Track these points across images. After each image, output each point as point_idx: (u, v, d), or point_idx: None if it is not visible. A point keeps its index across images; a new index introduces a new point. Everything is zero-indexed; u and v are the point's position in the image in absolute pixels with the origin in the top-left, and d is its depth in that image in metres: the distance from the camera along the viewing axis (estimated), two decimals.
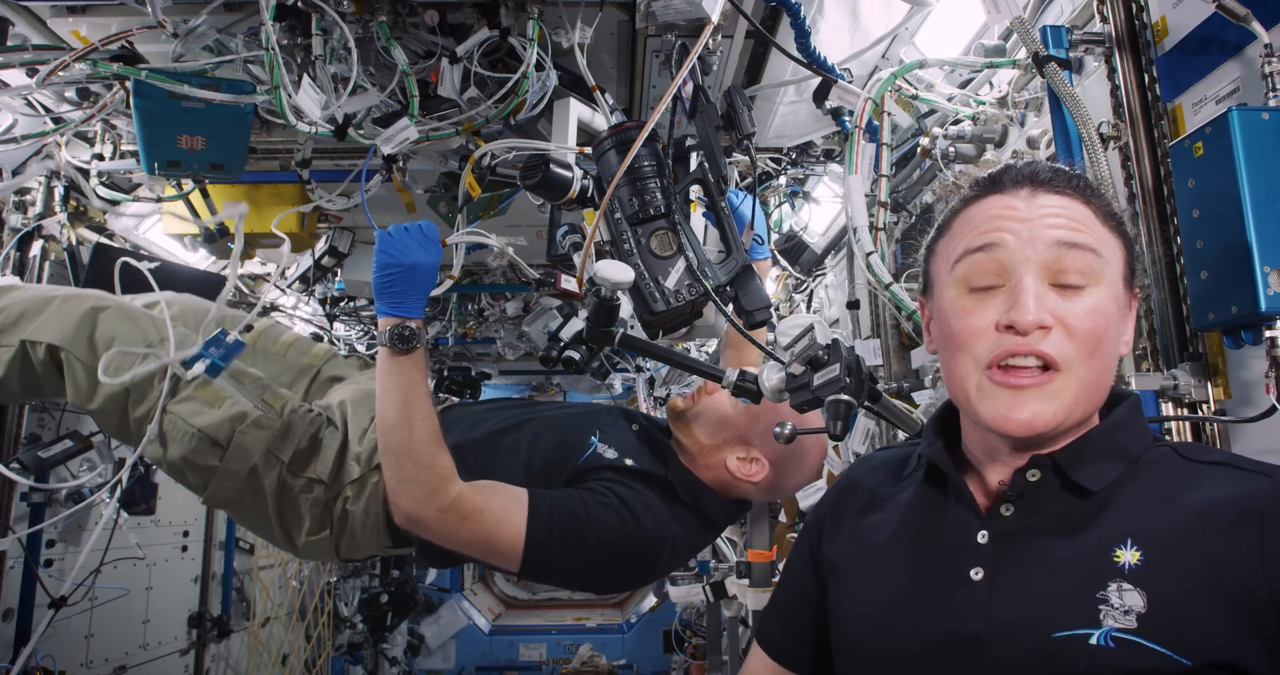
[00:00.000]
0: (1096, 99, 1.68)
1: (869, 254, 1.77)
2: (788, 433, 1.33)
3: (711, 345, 5.05)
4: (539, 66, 1.98)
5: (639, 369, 5.67)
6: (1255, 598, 0.75)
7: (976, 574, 0.88)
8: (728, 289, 1.62)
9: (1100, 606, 0.79)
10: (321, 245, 3.33)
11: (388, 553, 1.87)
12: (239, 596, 5.05)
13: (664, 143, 1.67)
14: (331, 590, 6.49)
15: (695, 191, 1.77)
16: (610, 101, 2.02)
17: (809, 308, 3.91)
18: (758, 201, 3.12)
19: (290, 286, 3.69)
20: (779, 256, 3.70)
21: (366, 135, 2.04)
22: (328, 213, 3.02)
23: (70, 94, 2.30)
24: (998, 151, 2.14)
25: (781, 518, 3.80)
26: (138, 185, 2.90)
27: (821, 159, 2.98)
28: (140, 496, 3.70)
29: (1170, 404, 1.45)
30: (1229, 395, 1.40)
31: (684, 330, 1.91)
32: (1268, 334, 1.20)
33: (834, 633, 1.03)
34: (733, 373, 1.54)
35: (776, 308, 3.75)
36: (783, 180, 3.14)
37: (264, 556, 5.41)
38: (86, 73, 2.00)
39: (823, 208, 3.62)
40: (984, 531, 0.90)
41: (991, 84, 2.18)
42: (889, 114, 1.98)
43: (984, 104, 2.13)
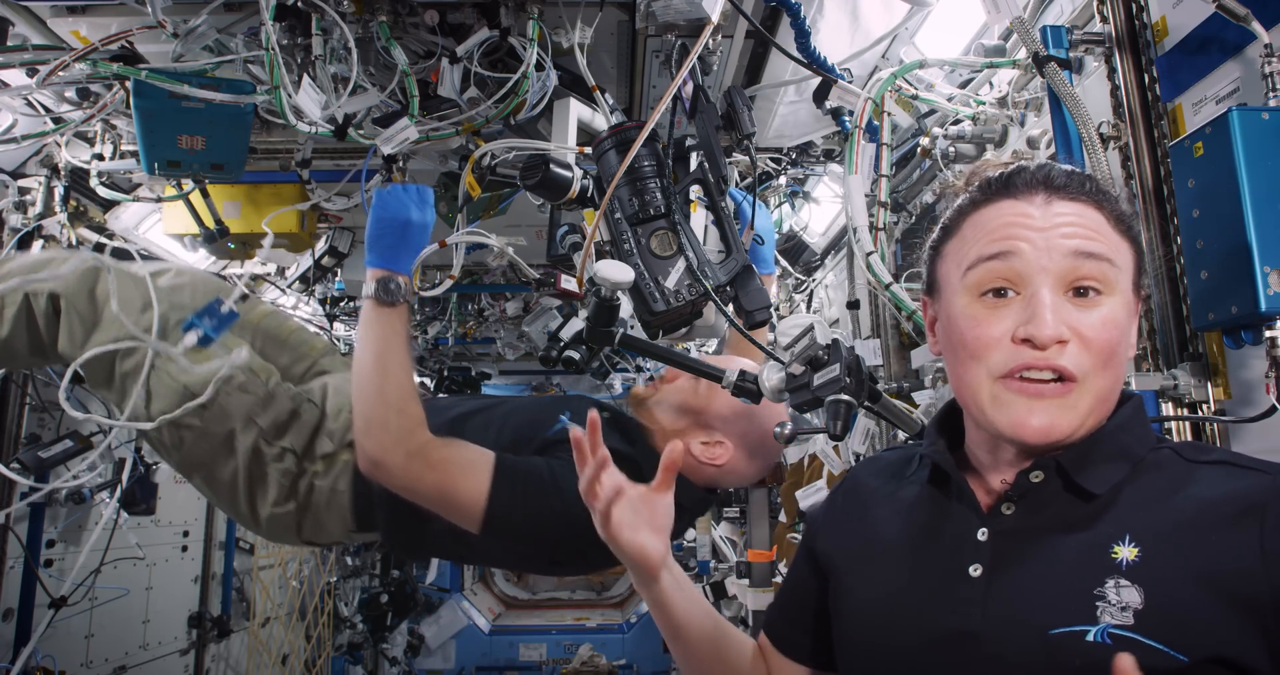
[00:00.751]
0: (1096, 99, 1.68)
1: (869, 254, 1.77)
2: (788, 433, 1.33)
3: (712, 345, 5.06)
4: (539, 66, 1.98)
5: (639, 369, 5.67)
6: (1255, 594, 0.75)
7: (975, 571, 0.88)
8: (728, 289, 1.63)
9: (1097, 603, 0.79)
10: (321, 245, 3.33)
11: (351, 538, 1.87)
12: (239, 596, 5.06)
13: (664, 143, 1.67)
14: (331, 590, 6.50)
15: (695, 191, 1.77)
16: (610, 101, 2.02)
17: (809, 308, 3.91)
18: (765, 206, 3.13)
19: (290, 286, 3.70)
20: (779, 256, 3.70)
21: (366, 135, 2.04)
22: (328, 213, 3.02)
23: (70, 94, 2.30)
24: (998, 151, 2.14)
25: (781, 518, 3.80)
26: (138, 185, 2.90)
27: (821, 159, 2.99)
28: (140, 496, 3.70)
29: (1170, 404, 1.45)
30: (1229, 395, 1.41)
31: (684, 330, 1.91)
32: (1268, 334, 1.20)
33: (835, 628, 1.04)
34: (733, 373, 1.54)
35: (776, 308, 3.76)
36: (783, 180, 3.14)
37: (264, 556, 5.41)
38: (86, 73, 2.01)
39: (823, 208, 3.63)
40: (984, 529, 0.90)
41: (991, 84, 2.18)
42: (889, 114, 1.98)
43: (984, 104, 2.13)
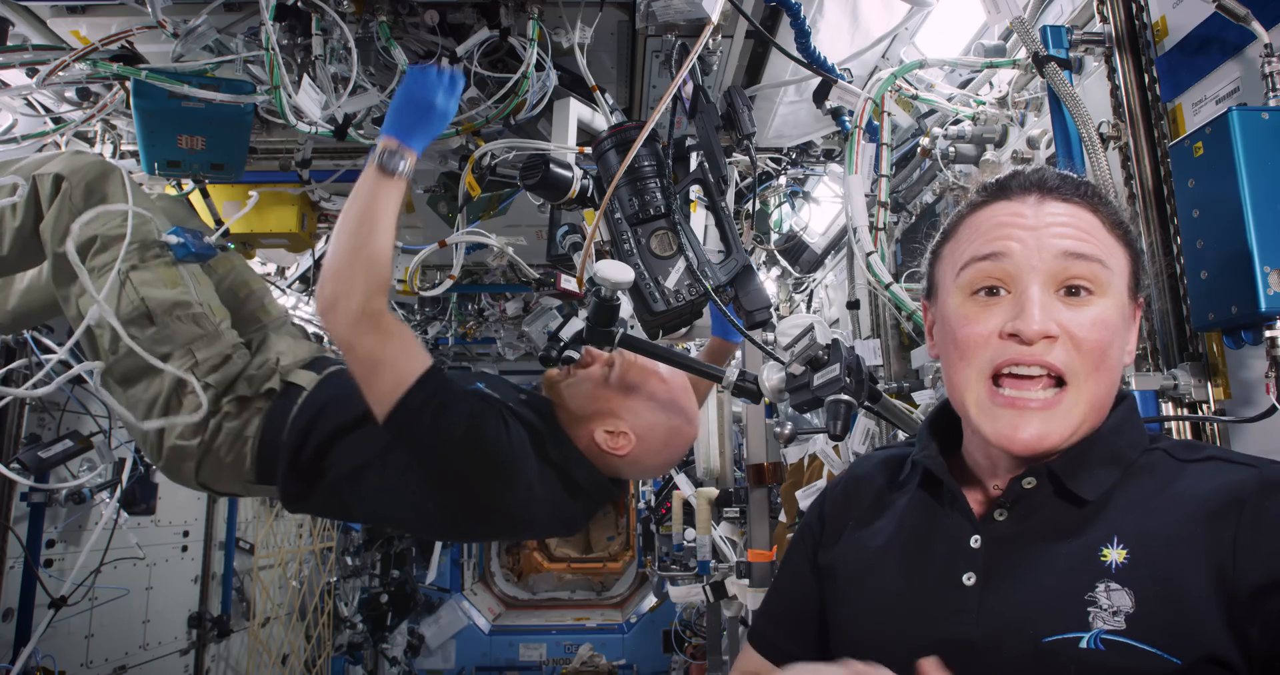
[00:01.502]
0: (1096, 99, 1.68)
1: (869, 254, 1.77)
2: (787, 434, 1.33)
3: None
4: (539, 66, 1.98)
5: None
6: (1230, 589, 0.75)
7: (968, 579, 0.88)
8: (728, 289, 1.62)
9: (1089, 609, 0.79)
10: (321, 245, 3.33)
11: (247, 490, 1.89)
12: (239, 596, 5.06)
13: (664, 143, 1.67)
14: (331, 590, 6.50)
15: (695, 191, 1.77)
16: (610, 101, 2.02)
17: (809, 308, 3.91)
18: (756, 206, 3.13)
19: (290, 286, 3.70)
20: (779, 256, 3.70)
21: (366, 135, 2.04)
22: (328, 213, 3.02)
23: (70, 94, 2.31)
24: (998, 152, 2.14)
25: (781, 518, 3.80)
26: (138, 185, 2.90)
27: (821, 159, 2.99)
28: (140, 496, 3.70)
29: (1170, 404, 1.45)
30: (1229, 395, 1.41)
31: (684, 330, 1.91)
32: (1268, 334, 1.20)
33: (831, 637, 1.03)
34: (732, 372, 1.54)
35: (776, 308, 3.75)
36: (783, 180, 3.14)
37: (264, 556, 5.41)
38: (86, 73, 2.01)
39: (823, 208, 3.62)
40: (976, 536, 0.90)
41: (991, 84, 2.18)
42: (889, 114, 1.98)
43: (984, 104, 2.13)
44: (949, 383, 0.93)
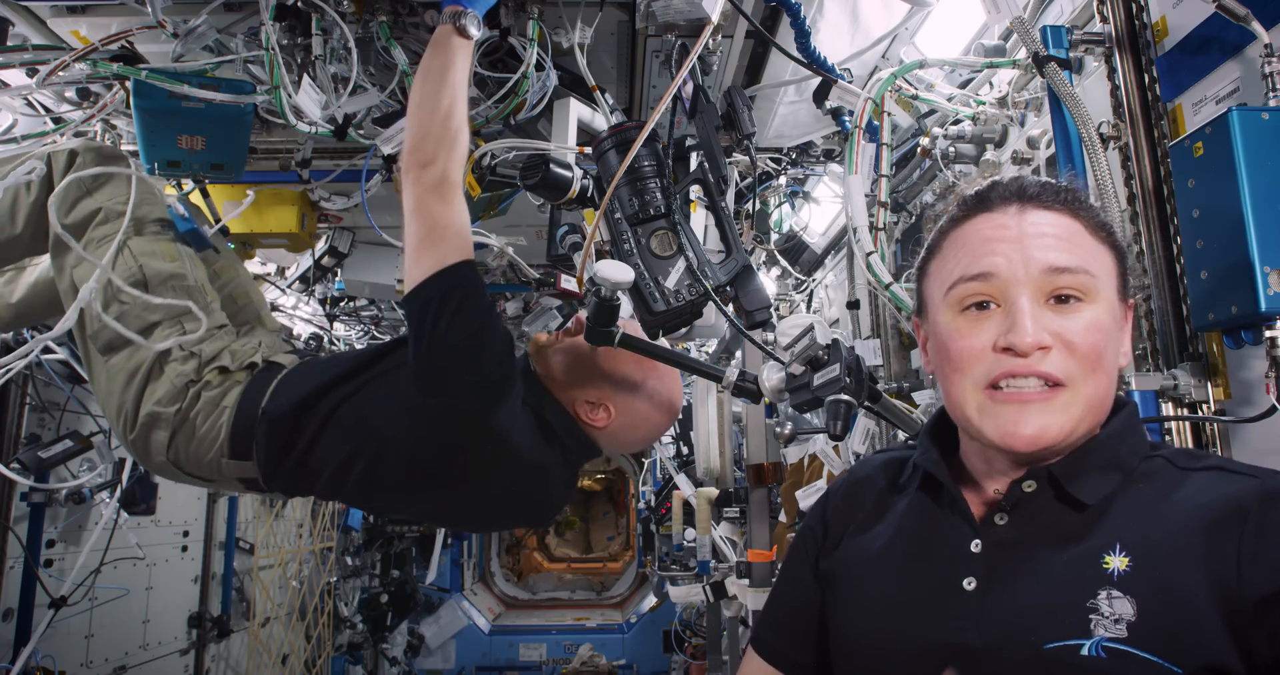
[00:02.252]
0: (1096, 99, 1.68)
1: (869, 254, 1.77)
2: (787, 434, 1.33)
3: (712, 345, 5.06)
4: (539, 66, 1.98)
5: None
6: (1234, 599, 0.75)
7: (969, 584, 0.88)
8: (728, 289, 1.62)
9: (1091, 616, 0.78)
10: (321, 245, 3.33)
11: (220, 469, 1.81)
12: (239, 596, 5.06)
13: (664, 143, 1.67)
14: (331, 590, 6.50)
15: (695, 191, 1.77)
16: (610, 101, 2.02)
17: (809, 308, 3.91)
18: (756, 206, 3.13)
19: (290, 286, 3.69)
20: (779, 256, 3.70)
21: (366, 135, 2.04)
22: (328, 213, 3.02)
23: (70, 94, 2.30)
24: (998, 152, 2.14)
25: (781, 518, 3.80)
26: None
27: (821, 159, 2.99)
28: (140, 496, 3.70)
29: (1170, 404, 1.45)
30: (1229, 395, 1.41)
31: (684, 330, 1.91)
32: (1268, 334, 1.20)
33: (831, 642, 1.03)
34: (733, 372, 1.54)
35: (776, 308, 3.75)
36: (783, 180, 3.14)
37: (264, 556, 5.42)
38: (86, 73, 2.01)
39: (823, 208, 3.63)
40: (977, 541, 0.90)
41: (991, 84, 2.18)
42: (889, 114, 1.98)
43: (984, 104, 2.13)
44: (947, 397, 0.93)
